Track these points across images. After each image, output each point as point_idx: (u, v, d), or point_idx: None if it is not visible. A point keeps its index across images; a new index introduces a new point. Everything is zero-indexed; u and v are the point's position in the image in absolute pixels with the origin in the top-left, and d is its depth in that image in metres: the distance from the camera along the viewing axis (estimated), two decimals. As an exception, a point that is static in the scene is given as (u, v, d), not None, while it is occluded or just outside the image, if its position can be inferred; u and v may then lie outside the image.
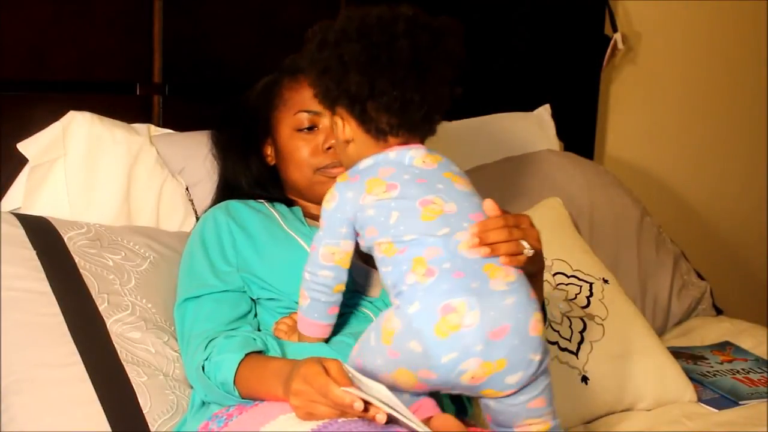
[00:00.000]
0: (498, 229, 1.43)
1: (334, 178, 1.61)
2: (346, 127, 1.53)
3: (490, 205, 1.49)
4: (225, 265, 1.72)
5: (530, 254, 1.45)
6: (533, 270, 1.52)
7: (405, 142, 1.52)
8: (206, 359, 1.58)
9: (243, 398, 1.55)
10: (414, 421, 1.35)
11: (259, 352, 1.58)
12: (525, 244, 1.45)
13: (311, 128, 1.79)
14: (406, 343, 1.38)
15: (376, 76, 1.47)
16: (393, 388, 1.38)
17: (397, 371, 1.40)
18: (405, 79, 1.47)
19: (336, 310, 1.57)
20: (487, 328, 1.36)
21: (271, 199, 1.84)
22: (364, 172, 1.50)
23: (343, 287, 1.55)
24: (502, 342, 1.37)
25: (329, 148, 1.76)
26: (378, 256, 1.46)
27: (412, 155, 1.50)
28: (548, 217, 2.25)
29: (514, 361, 1.38)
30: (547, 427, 1.47)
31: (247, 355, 1.55)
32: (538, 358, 1.40)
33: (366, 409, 1.35)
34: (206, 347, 1.60)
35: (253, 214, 1.78)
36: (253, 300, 1.72)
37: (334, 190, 1.51)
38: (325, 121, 1.76)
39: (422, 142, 1.54)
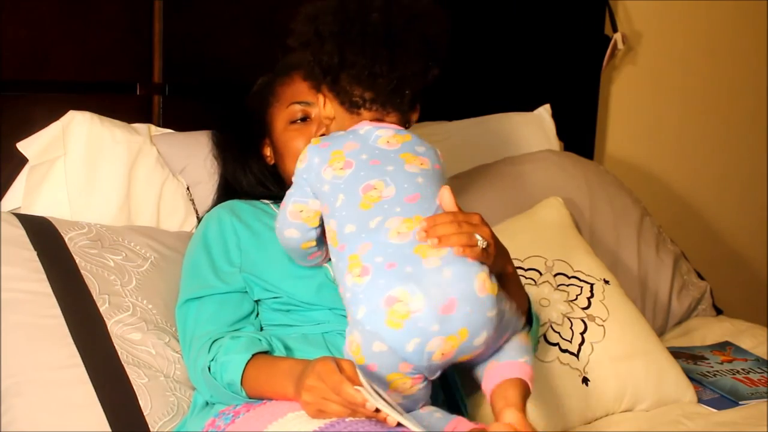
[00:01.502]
0: (447, 224, 1.45)
1: None
2: (328, 105, 1.60)
3: (446, 195, 1.51)
4: (228, 265, 1.72)
5: (484, 245, 1.46)
6: (500, 264, 1.56)
7: (379, 119, 1.56)
8: (212, 360, 1.59)
9: (250, 398, 1.56)
10: (419, 428, 1.36)
11: (265, 353, 1.59)
12: (477, 236, 1.47)
13: (304, 119, 1.80)
14: (372, 349, 1.41)
15: (347, 46, 1.52)
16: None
17: (389, 381, 1.42)
18: (374, 52, 1.51)
19: (317, 254, 1.63)
20: (436, 306, 1.39)
21: (274, 198, 1.84)
22: (334, 141, 1.56)
23: (311, 244, 1.60)
24: (455, 315, 1.40)
25: (323, 135, 1.76)
26: (329, 243, 1.53)
27: (379, 134, 1.54)
28: (548, 217, 2.25)
29: (475, 326, 1.41)
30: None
31: (253, 355, 1.56)
32: (494, 313, 1.43)
33: (377, 410, 1.36)
34: (210, 348, 1.60)
35: (258, 214, 1.78)
36: (255, 300, 1.72)
37: (306, 151, 1.57)
38: (317, 111, 1.77)
39: (402, 123, 1.58)
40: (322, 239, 1.61)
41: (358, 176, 1.49)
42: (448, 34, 1.57)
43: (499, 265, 1.57)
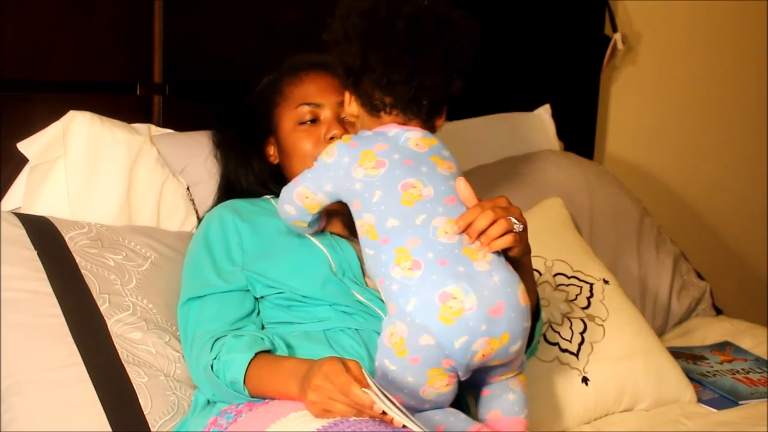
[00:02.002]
0: (480, 218, 1.48)
1: None
2: (353, 103, 1.61)
3: (462, 185, 1.53)
4: (229, 264, 1.72)
5: (520, 229, 1.52)
6: (521, 252, 1.58)
7: (403, 123, 1.57)
8: (215, 358, 1.59)
9: (252, 397, 1.56)
10: (423, 429, 1.36)
11: (268, 352, 1.59)
12: (513, 219, 1.52)
13: (313, 121, 1.79)
14: (418, 341, 1.42)
15: (371, 51, 1.54)
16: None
17: (428, 377, 1.44)
18: (396, 59, 1.53)
19: (305, 229, 1.68)
20: (486, 308, 1.43)
21: (276, 195, 1.84)
22: (363, 141, 1.56)
23: (302, 225, 1.64)
24: (501, 318, 1.44)
25: (332, 139, 1.76)
26: (361, 235, 1.53)
27: (408, 136, 1.56)
28: (548, 217, 2.25)
29: (515, 333, 1.46)
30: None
31: (256, 354, 1.56)
32: (528, 324, 1.49)
33: (383, 412, 1.37)
34: (213, 347, 1.60)
35: (259, 212, 1.78)
36: (256, 298, 1.72)
37: (335, 148, 1.57)
38: (326, 113, 1.79)
39: (426, 127, 1.59)
40: (313, 222, 1.65)
41: (394, 174, 1.51)
42: (477, 45, 1.58)
43: (525, 249, 1.60)
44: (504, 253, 1.54)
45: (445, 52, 1.54)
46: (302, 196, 1.60)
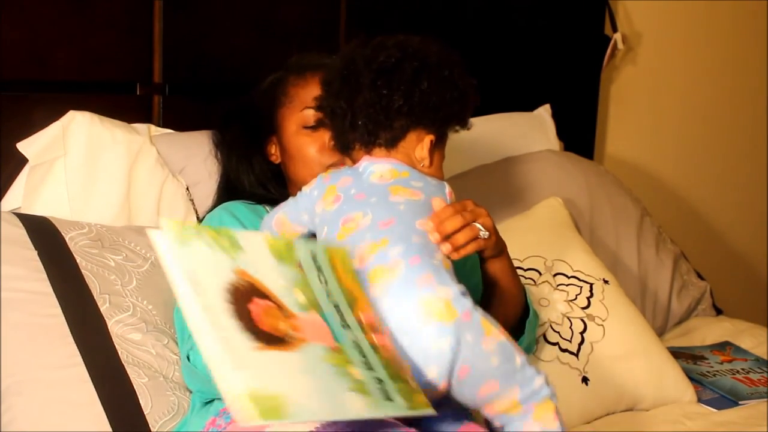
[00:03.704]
0: (451, 218, 1.47)
1: None
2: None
3: (438, 202, 1.52)
4: None
5: (486, 236, 1.51)
6: (494, 251, 1.58)
7: (369, 154, 1.56)
8: (191, 348, 1.60)
9: None
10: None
11: None
12: (479, 226, 1.50)
13: (317, 126, 1.77)
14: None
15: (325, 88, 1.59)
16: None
17: None
18: (338, 92, 1.55)
19: None
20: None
21: (272, 202, 1.84)
22: (334, 176, 1.57)
23: None
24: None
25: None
26: None
27: (373, 169, 1.54)
28: (548, 217, 2.25)
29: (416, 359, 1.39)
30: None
31: None
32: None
33: None
34: (189, 341, 1.61)
35: (255, 219, 1.77)
36: None
37: (315, 179, 1.59)
38: None
39: (405, 160, 1.55)
40: None
41: (342, 209, 1.50)
42: (430, 64, 1.54)
43: (499, 249, 1.60)
44: (478, 254, 1.55)
45: (377, 71, 1.52)
46: (279, 222, 1.61)
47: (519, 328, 1.74)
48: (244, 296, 1.21)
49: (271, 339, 1.19)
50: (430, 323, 1.36)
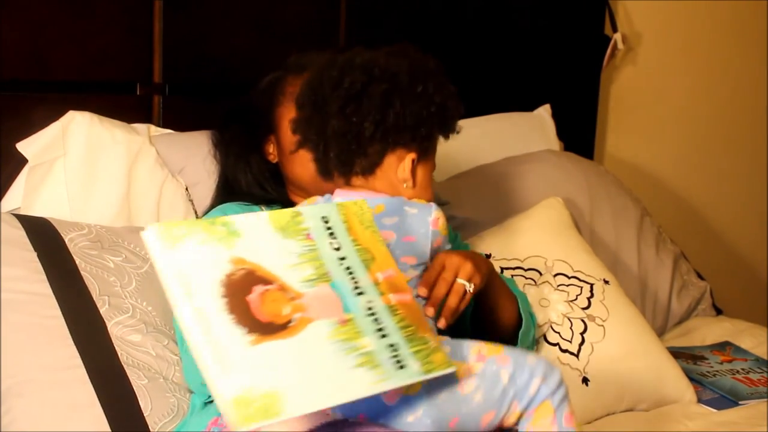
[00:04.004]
0: (440, 285, 1.45)
1: None
2: None
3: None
4: None
5: (471, 288, 1.48)
6: (482, 285, 1.54)
7: (346, 185, 1.50)
8: None
9: None
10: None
11: None
12: (462, 281, 1.47)
13: None
14: None
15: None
16: None
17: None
18: (308, 119, 1.50)
19: None
20: None
21: (269, 202, 1.83)
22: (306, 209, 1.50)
23: None
24: None
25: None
26: None
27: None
28: (548, 217, 2.24)
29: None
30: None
31: None
32: None
33: None
34: None
35: None
36: None
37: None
38: None
39: (382, 187, 1.49)
40: None
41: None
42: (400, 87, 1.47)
43: (488, 276, 1.58)
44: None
45: (345, 98, 1.45)
46: None
47: (513, 341, 1.74)
48: (242, 287, 1.19)
49: (269, 328, 1.18)
50: (401, 399, 1.32)
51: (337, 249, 1.29)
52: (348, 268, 1.29)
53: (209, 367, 1.12)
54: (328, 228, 1.30)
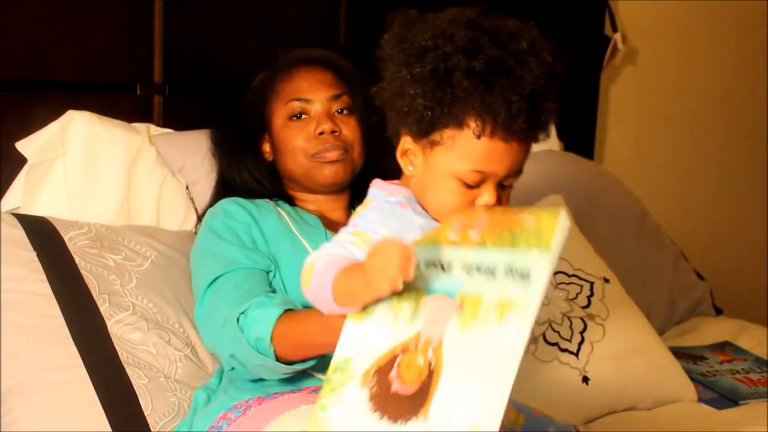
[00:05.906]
0: None
1: (329, 162, 1.75)
2: None
3: None
4: (252, 244, 1.69)
5: None
6: None
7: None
8: (242, 313, 1.51)
9: (277, 358, 1.47)
10: None
11: None
12: None
13: (302, 115, 1.79)
14: None
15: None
16: None
17: None
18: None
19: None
20: None
21: (268, 197, 1.83)
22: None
23: None
24: None
25: (321, 134, 1.77)
26: None
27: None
28: (549, 217, 2.24)
29: None
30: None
31: (286, 311, 1.48)
32: None
33: None
34: (242, 306, 1.53)
35: (262, 212, 1.76)
36: None
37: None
38: (316, 108, 1.79)
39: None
40: None
41: None
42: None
43: None
44: None
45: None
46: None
47: None
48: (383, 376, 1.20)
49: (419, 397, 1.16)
50: None
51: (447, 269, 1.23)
52: (445, 267, 1.22)
53: None
54: (437, 271, 1.24)
